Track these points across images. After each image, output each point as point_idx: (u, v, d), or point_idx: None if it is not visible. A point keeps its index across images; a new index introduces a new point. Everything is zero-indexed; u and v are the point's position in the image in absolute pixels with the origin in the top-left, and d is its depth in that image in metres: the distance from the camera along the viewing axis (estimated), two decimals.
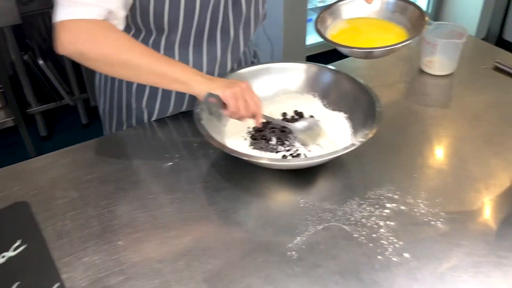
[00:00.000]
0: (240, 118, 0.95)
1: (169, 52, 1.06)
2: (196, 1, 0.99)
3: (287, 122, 1.04)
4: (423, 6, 3.28)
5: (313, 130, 1.03)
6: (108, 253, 0.82)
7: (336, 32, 1.07)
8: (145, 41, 1.06)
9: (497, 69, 1.29)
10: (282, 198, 0.94)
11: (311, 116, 1.09)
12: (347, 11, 1.10)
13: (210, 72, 1.12)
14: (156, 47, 1.06)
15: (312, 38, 2.89)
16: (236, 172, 0.98)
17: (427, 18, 1.00)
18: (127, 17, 1.02)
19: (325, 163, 0.98)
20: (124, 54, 0.91)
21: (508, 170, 0.97)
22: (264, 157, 0.98)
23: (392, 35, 1.03)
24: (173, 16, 0.99)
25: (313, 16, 2.95)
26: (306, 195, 0.93)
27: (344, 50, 1.01)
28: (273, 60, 2.66)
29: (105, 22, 0.91)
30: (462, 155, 1.02)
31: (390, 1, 1.08)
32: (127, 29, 1.07)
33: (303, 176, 0.97)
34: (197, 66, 1.10)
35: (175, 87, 0.94)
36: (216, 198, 0.93)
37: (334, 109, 1.09)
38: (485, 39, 3.25)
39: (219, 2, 1.02)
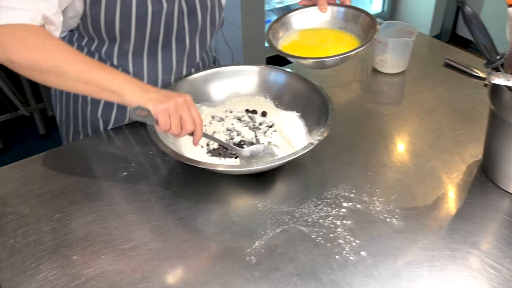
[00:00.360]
0: (174, 135, 0.87)
1: (122, 61, 1.05)
2: (148, 10, 0.98)
3: (233, 146, 1.01)
4: (379, 5, 3.34)
5: (262, 158, 0.99)
6: (62, 269, 0.80)
7: (288, 43, 1.07)
8: (98, 50, 1.04)
9: (447, 65, 1.33)
10: (241, 203, 0.94)
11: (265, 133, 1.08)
12: (298, 21, 1.10)
13: (166, 80, 1.11)
14: (109, 55, 1.04)
15: None
16: (193, 179, 0.97)
17: (378, 26, 1.02)
18: (79, 26, 1.00)
19: (282, 165, 0.98)
20: (52, 60, 0.84)
21: (460, 165, 1.00)
22: (221, 164, 0.98)
23: (344, 44, 1.04)
24: (124, 25, 0.98)
25: (272, 17, 2.97)
26: (264, 199, 0.93)
27: (295, 61, 1.02)
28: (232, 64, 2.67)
29: (37, 27, 0.85)
30: (415, 151, 1.04)
31: (341, 10, 1.09)
32: (79, 38, 1.05)
33: (261, 180, 0.97)
34: (152, 74, 1.09)
35: (105, 96, 0.85)
36: (173, 206, 0.92)
37: (286, 109, 1.10)
38: (440, 35, 3.34)
39: (173, 11, 1.01)
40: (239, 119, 1.10)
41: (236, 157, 1.00)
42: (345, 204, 0.91)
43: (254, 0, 2.46)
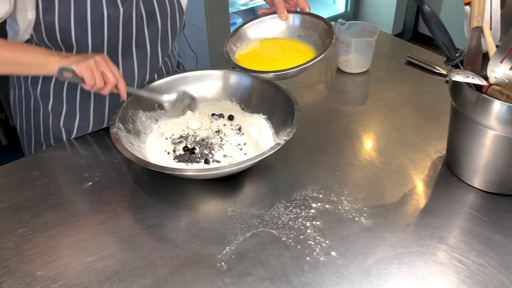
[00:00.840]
0: (101, 90, 0.93)
1: None
2: (103, 15, 0.96)
3: (153, 94, 1.04)
4: (342, 5, 3.38)
5: (183, 101, 1.06)
6: (27, 286, 0.78)
7: (246, 52, 1.06)
8: None
9: (409, 63, 1.35)
10: (210, 209, 0.93)
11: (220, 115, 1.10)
12: (257, 31, 1.10)
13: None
14: None
15: None
16: (160, 186, 0.96)
17: (334, 35, 1.02)
18: (32, 36, 0.98)
19: (250, 168, 0.98)
20: None
21: (425, 161, 1.01)
22: (188, 168, 0.96)
23: (299, 54, 1.03)
24: (80, 31, 0.96)
25: (237, 20, 2.97)
26: (233, 203, 0.93)
27: (251, 74, 1.02)
28: (197, 68, 2.66)
29: None
30: (380, 149, 1.05)
31: (300, 18, 1.08)
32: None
33: (229, 184, 0.96)
34: None
35: (34, 71, 0.94)
36: (141, 215, 0.90)
37: (253, 112, 1.09)
38: (402, 33, 3.41)
39: (131, 16, 1.00)
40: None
41: (205, 162, 0.99)
42: (314, 205, 0.91)
43: (218, 3, 2.45)
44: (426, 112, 1.16)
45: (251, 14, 3.20)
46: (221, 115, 1.10)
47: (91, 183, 0.97)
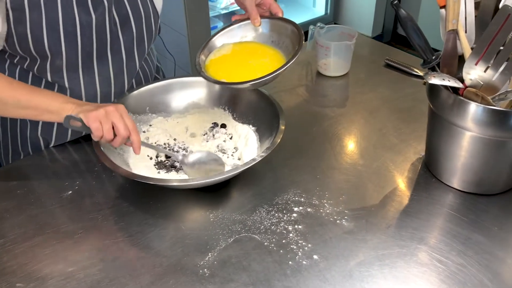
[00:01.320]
0: (111, 143, 0.89)
1: (57, 77, 1.02)
2: (76, 23, 0.95)
3: (175, 153, 1.01)
4: (322, 8, 3.41)
5: (205, 164, 0.99)
6: None
7: (216, 57, 1.05)
8: (30, 68, 1.01)
9: (388, 66, 1.37)
10: (191, 215, 0.93)
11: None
12: (229, 39, 1.08)
13: (106, 92, 1.08)
14: (42, 72, 1.01)
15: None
16: (141, 194, 0.95)
17: (304, 42, 1.01)
18: (5, 47, 0.96)
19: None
20: None
21: (404, 163, 1.02)
22: (172, 178, 0.96)
23: (267, 59, 1.02)
24: (53, 40, 0.95)
25: (218, 24, 2.97)
26: (215, 209, 0.92)
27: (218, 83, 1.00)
28: (176, 74, 2.65)
29: None
30: (361, 152, 1.06)
31: (271, 24, 1.07)
32: (10, 57, 1.01)
33: (211, 190, 0.96)
34: (90, 87, 1.06)
35: (45, 117, 0.90)
36: (122, 223, 0.89)
37: (243, 122, 1.10)
38: (381, 35, 3.44)
39: (104, 22, 0.99)
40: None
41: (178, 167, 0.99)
42: (296, 209, 0.91)
43: (198, 7, 2.44)
44: (405, 113, 1.17)
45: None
46: (215, 124, 1.10)
47: (71, 191, 0.96)
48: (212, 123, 1.11)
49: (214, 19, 2.92)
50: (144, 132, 1.08)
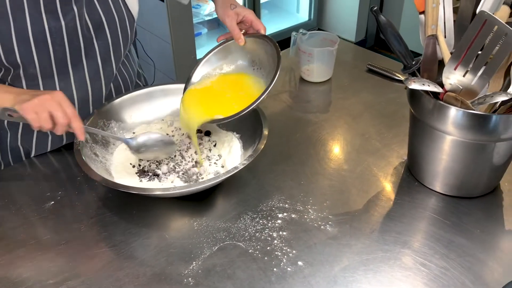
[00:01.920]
0: (54, 131, 0.88)
1: (32, 84, 1.00)
2: (45, 31, 0.94)
3: (119, 137, 1.00)
4: (305, 14, 3.42)
5: (154, 146, 0.99)
6: None
7: (197, 88, 1.06)
8: (4, 77, 1.00)
9: (370, 71, 1.38)
10: (175, 224, 0.92)
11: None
12: (215, 63, 1.08)
13: (84, 98, 1.07)
14: (17, 81, 0.99)
15: (204, 51, 2.90)
16: (124, 203, 0.95)
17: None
18: None
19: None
20: None
21: (387, 167, 1.03)
22: (152, 187, 0.95)
23: (244, 93, 1.02)
24: (24, 49, 0.94)
25: (202, 30, 2.97)
26: (199, 217, 0.92)
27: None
28: (156, 78, 2.64)
29: None
30: (344, 157, 1.07)
31: (253, 43, 1.05)
32: None
33: (195, 197, 0.96)
34: (66, 93, 1.04)
35: None
36: (105, 233, 0.88)
37: (227, 129, 1.09)
38: (365, 39, 3.47)
39: (76, 30, 0.98)
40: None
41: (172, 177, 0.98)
42: (280, 215, 0.91)
43: (182, 14, 2.44)
44: (388, 118, 1.18)
45: (216, 24, 3.21)
46: (199, 131, 1.10)
47: (53, 202, 0.95)
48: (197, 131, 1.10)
49: (198, 26, 2.93)
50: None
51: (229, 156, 1.02)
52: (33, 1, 0.92)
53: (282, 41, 3.21)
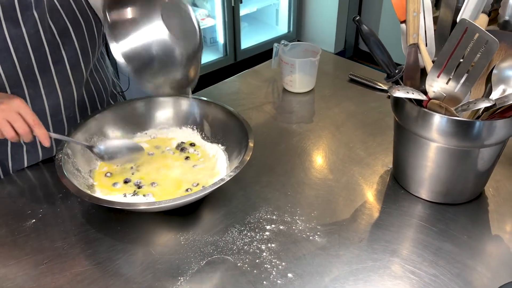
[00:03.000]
0: (18, 139, 0.87)
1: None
2: (6, 39, 0.92)
3: (85, 143, 0.98)
4: (285, 27, 3.45)
5: (123, 152, 0.99)
6: None
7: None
8: None
9: (352, 80, 1.39)
10: (161, 239, 0.91)
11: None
12: None
13: (55, 104, 1.05)
14: None
15: None
16: (109, 219, 0.93)
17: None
18: None
19: None
20: None
21: (373, 175, 1.03)
22: (136, 202, 0.93)
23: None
24: None
25: None
26: (186, 231, 0.90)
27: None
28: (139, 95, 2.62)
29: None
30: (330, 166, 1.06)
31: None
32: None
33: (181, 212, 0.94)
34: (37, 101, 1.03)
35: None
36: (90, 250, 0.86)
37: (212, 142, 1.08)
38: (344, 50, 3.51)
39: (39, 36, 0.96)
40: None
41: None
42: (268, 227, 0.90)
43: None
44: (371, 127, 1.19)
45: None
46: (182, 143, 1.09)
47: (34, 220, 0.92)
48: (179, 142, 1.09)
49: None
50: None
51: (215, 167, 1.00)
52: None
53: (263, 53, 3.23)
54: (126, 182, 0.98)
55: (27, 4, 0.94)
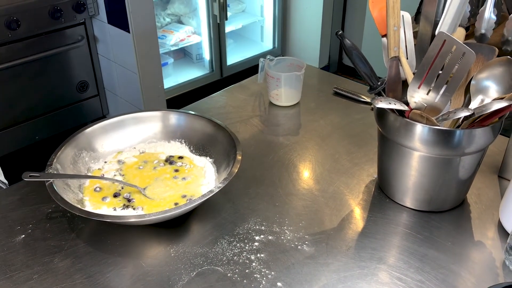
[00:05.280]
0: None
1: None
2: None
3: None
4: (270, 43, 3.50)
5: None
6: None
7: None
8: None
9: (336, 94, 1.42)
10: (152, 251, 0.91)
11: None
12: None
13: None
14: None
15: (171, 80, 2.92)
16: (99, 232, 0.93)
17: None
18: None
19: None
20: None
21: (359, 185, 1.05)
22: (126, 215, 0.94)
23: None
24: None
25: (168, 60, 2.98)
26: (176, 243, 0.91)
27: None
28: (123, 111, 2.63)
29: None
30: (316, 177, 1.08)
31: None
32: None
33: (171, 224, 0.95)
34: None
35: None
36: (80, 264, 0.86)
37: (200, 154, 1.10)
38: (328, 66, 3.57)
39: None
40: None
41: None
42: (257, 238, 0.92)
43: (148, 45, 2.46)
44: (355, 138, 1.21)
45: (182, 53, 3.24)
46: (170, 157, 1.10)
47: (23, 235, 0.93)
48: (168, 156, 1.10)
49: (164, 56, 2.94)
50: (99, 169, 1.06)
51: (203, 180, 1.02)
52: None
53: (249, 68, 3.26)
54: (115, 196, 0.99)
55: None
